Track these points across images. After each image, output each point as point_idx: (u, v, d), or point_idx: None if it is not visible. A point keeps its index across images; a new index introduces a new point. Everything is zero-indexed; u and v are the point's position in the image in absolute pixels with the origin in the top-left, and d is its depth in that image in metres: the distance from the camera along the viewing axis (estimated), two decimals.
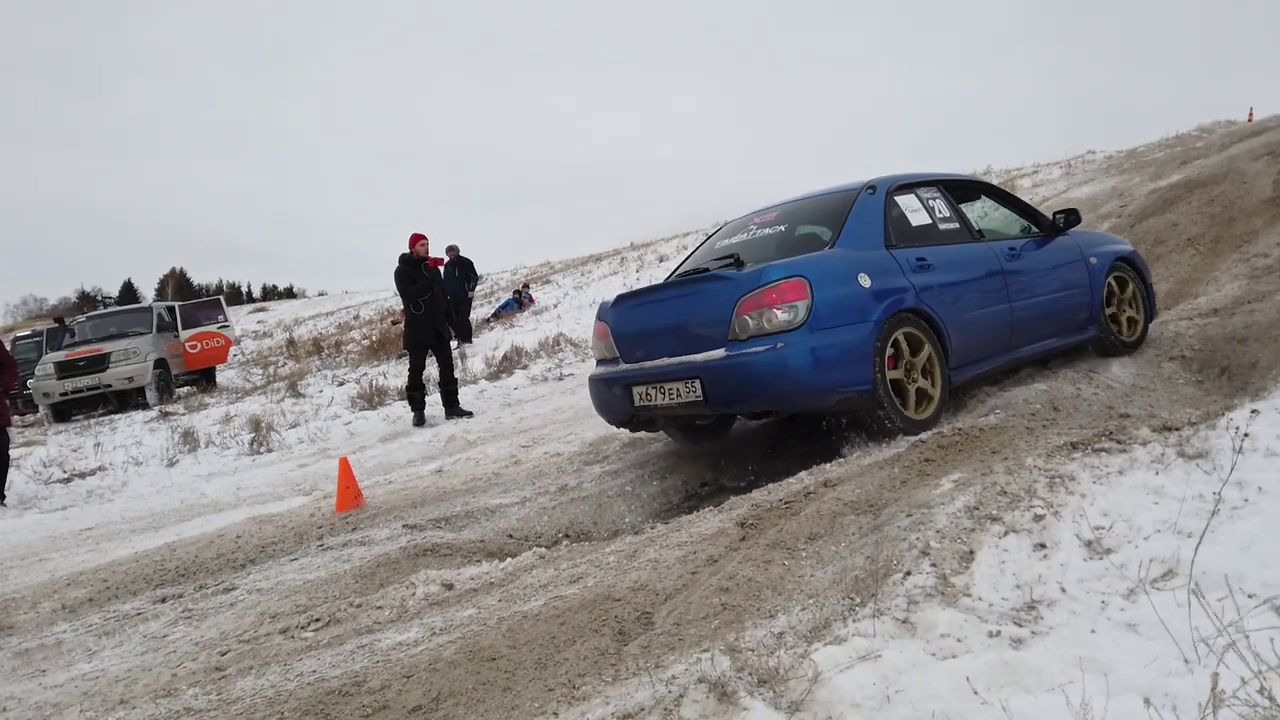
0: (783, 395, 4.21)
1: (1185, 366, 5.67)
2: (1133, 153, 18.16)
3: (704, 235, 23.23)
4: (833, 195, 5.10)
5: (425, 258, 8.73)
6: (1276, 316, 6.05)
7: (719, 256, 5.01)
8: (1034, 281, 5.40)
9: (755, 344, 4.18)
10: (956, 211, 5.35)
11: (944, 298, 4.71)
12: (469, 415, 8.42)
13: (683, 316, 4.54)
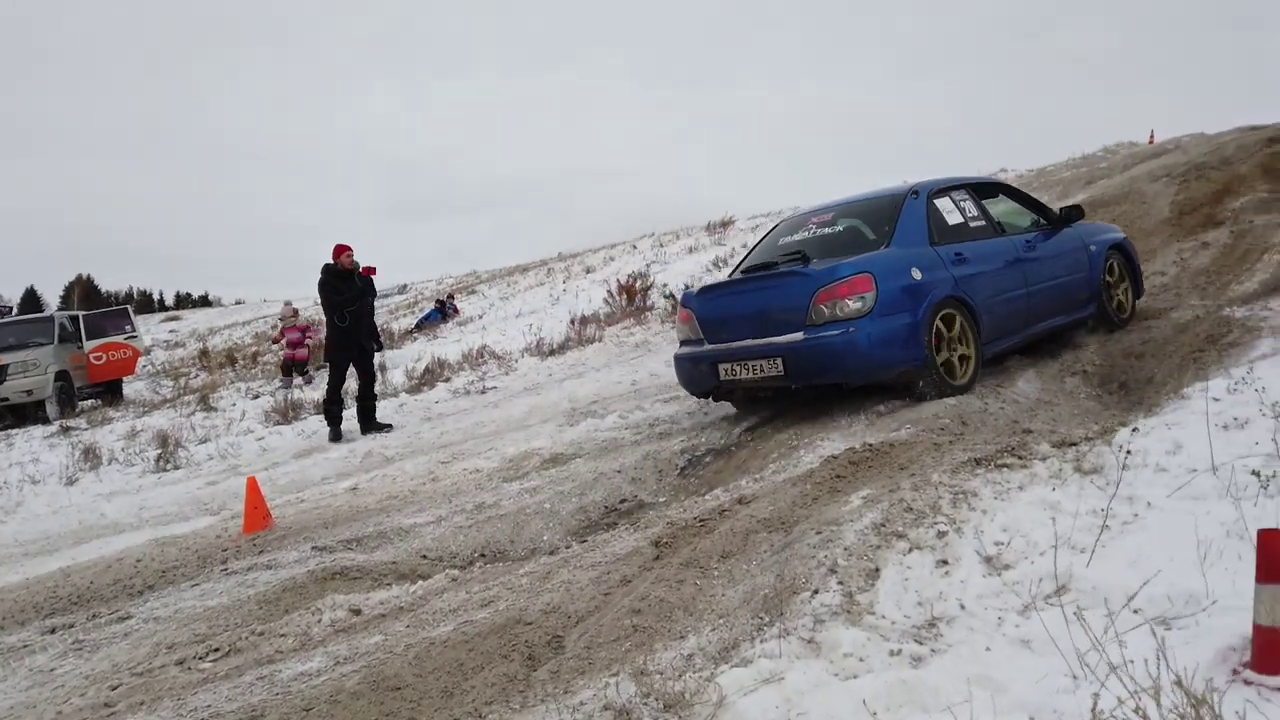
0: (854, 370, 5.11)
1: (1087, 381, 5.89)
2: (1042, 172, 18.88)
3: (631, 245, 23.39)
4: (881, 199, 6.03)
5: (351, 269, 8.55)
6: (1171, 333, 6.34)
7: (788, 252, 5.85)
8: (1046, 268, 6.24)
9: (830, 328, 5.03)
10: (982, 210, 6.24)
11: (977, 285, 5.60)
12: (387, 429, 8.26)
13: (763, 305, 5.37)
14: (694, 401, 7.03)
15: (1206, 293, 7.32)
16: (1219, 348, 5.75)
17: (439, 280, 34.35)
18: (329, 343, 8.54)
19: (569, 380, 9.14)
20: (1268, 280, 7.29)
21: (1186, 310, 6.86)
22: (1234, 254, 8.36)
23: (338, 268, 8.42)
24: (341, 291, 8.33)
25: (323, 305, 8.50)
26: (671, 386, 7.90)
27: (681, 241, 21.23)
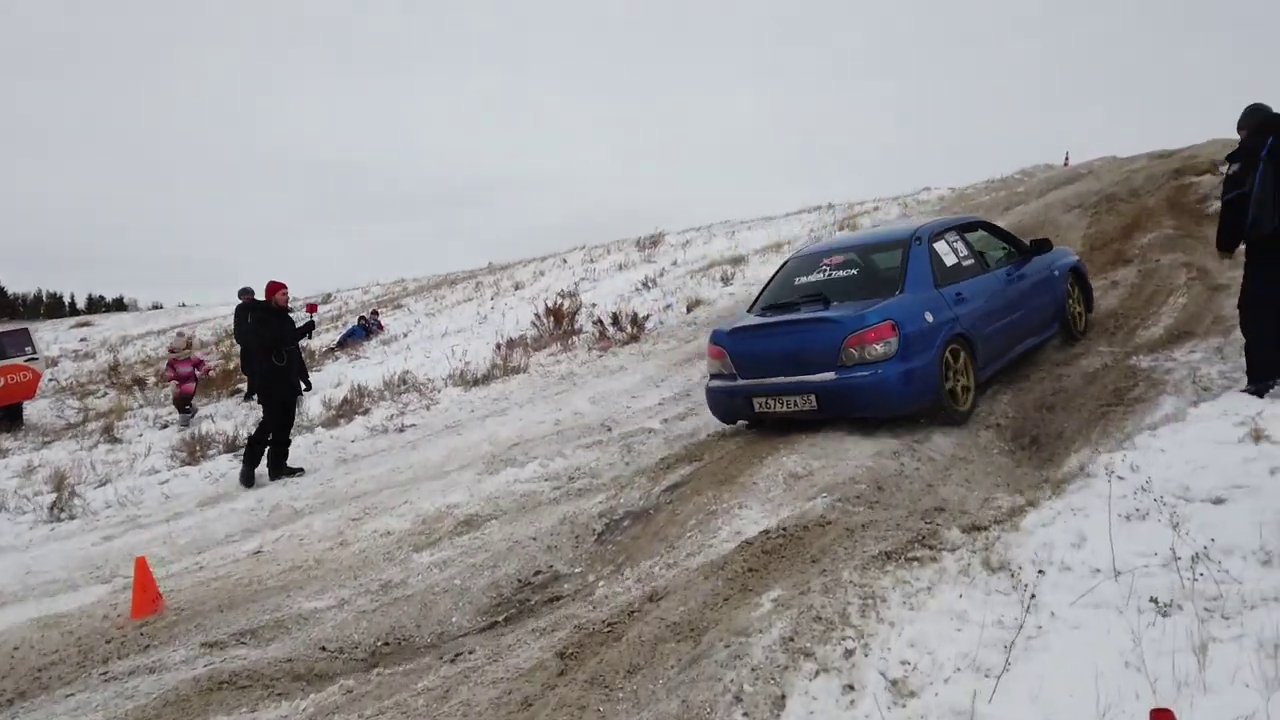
0: (881, 406, 5.75)
1: (1000, 435, 5.97)
2: (962, 194, 19.30)
3: (561, 259, 23.15)
4: (887, 243, 6.62)
5: (286, 306, 8.43)
6: (1081, 385, 6.48)
7: (807, 293, 6.46)
8: (1023, 296, 6.95)
9: (860, 370, 5.68)
10: (970, 248, 6.90)
11: (974, 320, 6.27)
12: (299, 473, 7.97)
13: (796, 346, 5.97)
14: (614, 449, 6.95)
15: (1115, 338, 7.50)
16: (1125, 404, 5.89)
17: (365, 289, 33.62)
18: (265, 382, 8.27)
19: (491, 418, 8.95)
20: (1172, 325, 7.50)
21: (1095, 357, 7.03)
22: (1141, 295, 8.61)
23: (273, 305, 8.33)
24: (279, 329, 8.19)
25: (257, 343, 8.29)
26: (594, 429, 7.81)
27: (612, 257, 21.12)
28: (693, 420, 7.56)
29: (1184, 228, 10.82)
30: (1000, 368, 6.67)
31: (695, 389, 8.71)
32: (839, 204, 22.42)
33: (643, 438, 7.21)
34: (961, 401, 6.07)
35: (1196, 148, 18.58)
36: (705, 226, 24.17)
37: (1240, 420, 4.65)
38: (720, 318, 12.18)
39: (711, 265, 16.85)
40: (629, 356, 10.86)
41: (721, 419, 6.70)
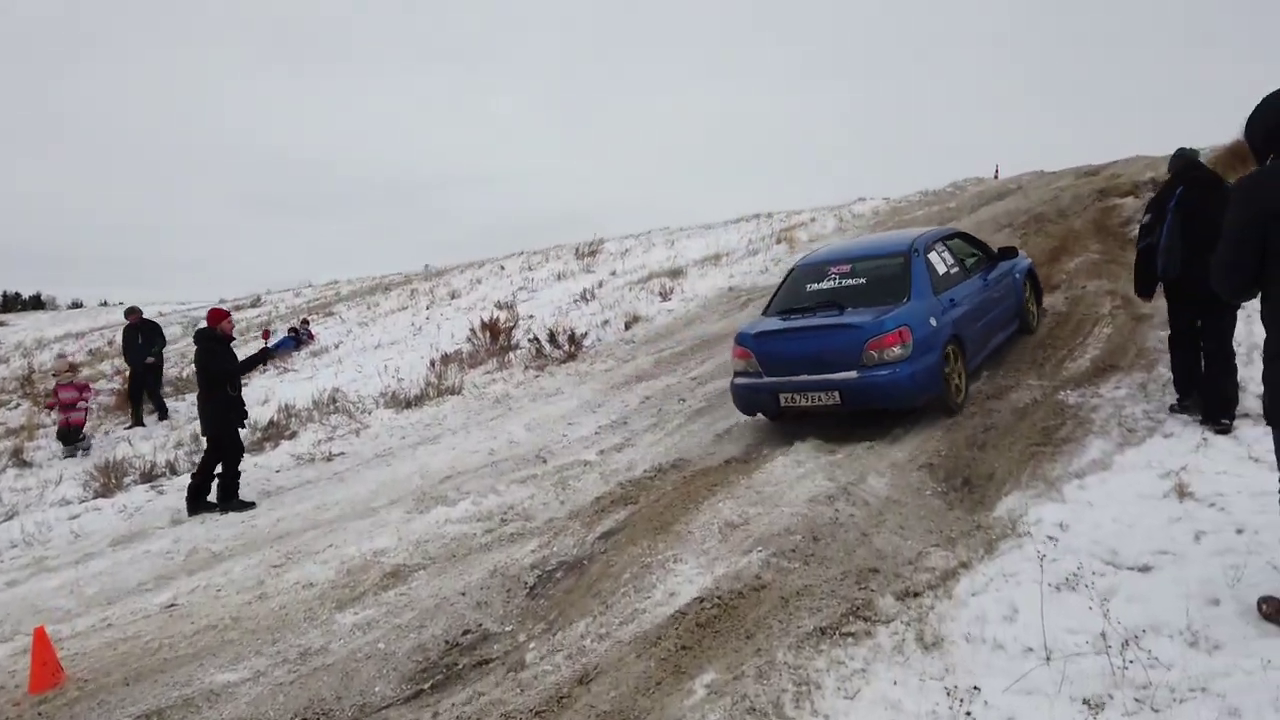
0: (897, 400, 6.54)
1: (933, 475, 5.98)
2: (896, 207, 19.58)
3: (499, 266, 22.83)
4: (889, 254, 7.34)
5: (231, 335, 8.20)
6: (1011, 421, 6.55)
7: (821, 299, 7.10)
8: (995, 298, 7.93)
9: (879, 369, 6.41)
10: (954, 255, 7.71)
11: (963, 322, 7.13)
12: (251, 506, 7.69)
13: (819, 348, 6.63)
14: (549, 484, 6.82)
15: (1043, 370, 7.62)
16: (1054, 444, 5.97)
17: (297, 291, 32.78)
18: (215, 414, 7.86)
19: (423, 446, 8.73)
20: (1098, 357, 7.67)
21: (1025, 391, 7.13)
22: (1069, 323, 8.79)
23: (218, 334, 8.02)
24: (227, 361, 7.98)
25: (205, 375, 7.91)
26: (528, 460, 7.66)
27: (551, 265, 20.93)
28: (630, 452, 7.47)
29: (1109, 252, 11.11)
30: (979, 362, 7.59)
31: (632, 416, 8.63)
32: (777, 213, 22.57)
33: (578, 472, 7.09)
34: (957, 393, 6.92)
35: (1119, 165, 19.18)
36: (645, 233, 24.13)
37: (1164, 472, 4.75)
38: (659, 336, 12.14)
39: (651, 276, 16.79)
40: (566, 378, 10.72)
41: (744, 411, 7.39)
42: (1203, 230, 5.56)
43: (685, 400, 8.83)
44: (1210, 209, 5.59)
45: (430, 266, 29.51)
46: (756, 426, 7.62)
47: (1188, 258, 5.68)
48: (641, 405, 8.97)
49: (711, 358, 10.31)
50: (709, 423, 7.98)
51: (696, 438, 7.60)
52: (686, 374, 9.84)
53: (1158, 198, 6.11)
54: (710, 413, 8.27)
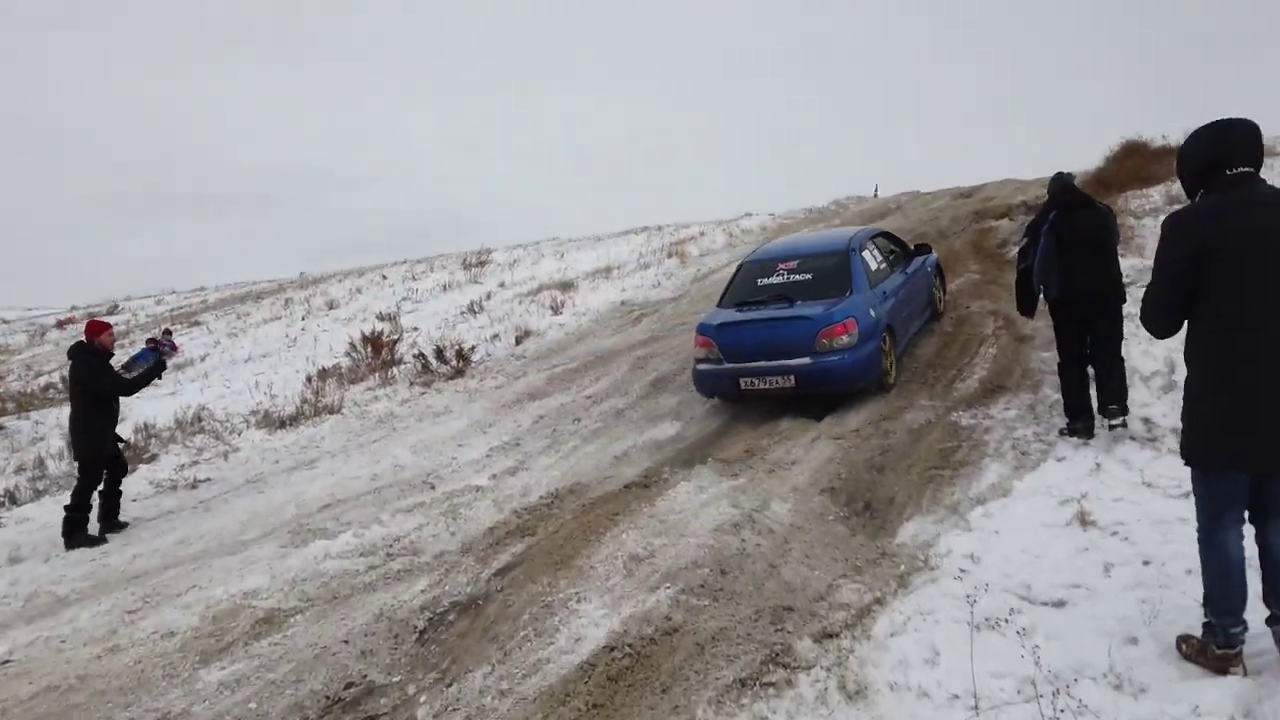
0: (844, 382, 7.30)
1: (835, 499, 5.91)
2: (782, 224, 19.88)
3: (381, 275, 21.98)
4: (829, 252, 8.22)
5: (112, 350, 7.57)
6: (908, 443, 6.58)
7: (773, 293, 7.93)
8: (915, 288, 8.91)
9: (828, 355, 7.20)
10: (881, 252, 8.70)
11: (893, 312, 8.01)
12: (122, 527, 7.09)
13: (775, 337, 7.38)
14: (439, 513, 6.43)
15: (935, 390, 7.73)
16: (951, 466, 6.00)
17: (159, 298, 30.80)
18: (92, 435, 7.22)
19: (299, 471, 8.15)
20: (986, 378, 7.83)
21: (919, 411, 7.20)
22: (956, 343, 8.98)
23: (96, 348, 7.38)
24: (109, 377, 7.37)
25: (93, 391, 7.23)
26: (415, 486, 7.24)
27: (436, 275, 20.30)
28: (524, 476, 7.14)
29: (988, 273, 11.48)
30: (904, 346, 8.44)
31: (526, 437, 8.30)
32: (666, 227, 22.60)
33: (470, 499, 6.72)
34: (891, 375, 7.80)
35: (991, 188, 20.06)
36: (534, 244, 23.74)
37: (1064, 499, 4.80)
38: (551, 351, 11.84)
39: (541, 289, 16.46)
40: (454, 395, 10.28)
41: (705, 395, 8.11)
42: (1076, 251, 5.91)
43: (580, 420, 8.57)
44: (1082, 231, 5.96)
45: (306, 274, 28.25)
46: (653, 448, 7.43)
47: (1064, 277, 5.96)
48: (535, 425, 8.66)
49: (606, 375, 10.09)
50: (606, 444, 7.74)
51: (593, 460, 7.35)
52: (581, 392, 9.58)
53: (1034, 221, 6.33)
54: (607, 433, 8.03)
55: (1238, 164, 3.04)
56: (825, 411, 7.68)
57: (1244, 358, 2.95)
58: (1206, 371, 3.07)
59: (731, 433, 7.53)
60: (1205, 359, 3.07)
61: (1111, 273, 5.99)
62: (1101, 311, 5.97)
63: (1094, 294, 5.92)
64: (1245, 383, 2.95)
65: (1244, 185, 3.02)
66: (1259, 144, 3.08)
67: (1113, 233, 6.06)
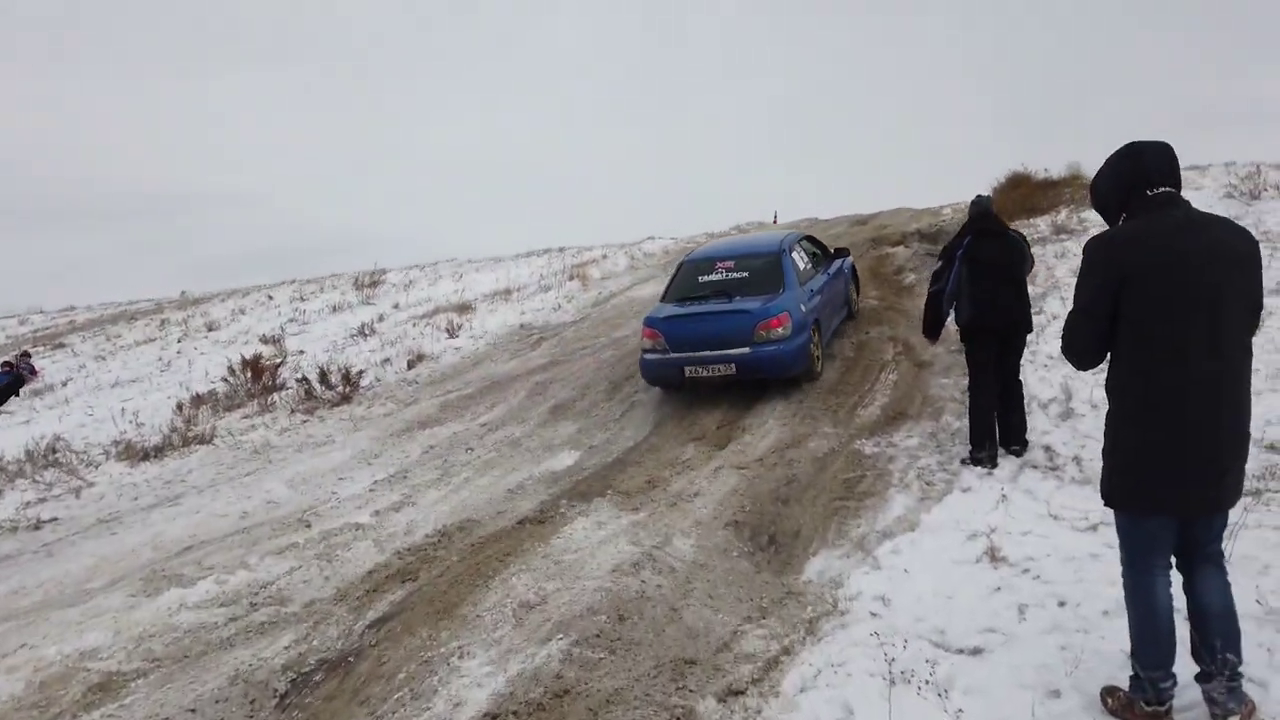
0: (778, 370, 7.99)
1: (738, 534, 5.66)
2: (685, 248, 19.79)
3: (266, 295, 20.74)
4: (763, 253, 8.94)
5: None
6: (812, 473, 6.40)
7: (714, 289, 8.66)
8: (835, 289, 9.74)
9: (765, 346, 7.88)
10: (807, 254, 9.47)
11: (820, 309, 8.80)
12: None
13: (718, 329, 8.04)
14: (313, 555, 5.89)
15: (838, 417, 7.61)
16: (856, 497, 5.84)
17: (22, 318, 28.62)
18: None
19: (160, 508, 7.42)
20: (888, 405, 7.76)
21: (822, 439, 7.05)
22: (857, 368, 8.91)
23: None
24: None
25: None
26: (289, 525, 6.65)
27: (326, 296, 19.41)
28: (410, 513, 6.65)
29: (886, 299, 11.55)
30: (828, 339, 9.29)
31: (414, 468, 7.79)
32: (568, 249, 22.27)
33: (349, 538, 6.20)
34: (818, 366, 8.56)
35: (885, 216, 20.49)
36: (431, 264, 23.02)
37: (972, 533, 4.65)
38: (445, 376, 11.31)
39: (437, 311, 15.86)
40: (339, 423, 9.65)
41: (652, 383, 8.70)
42: (989, 278, 5.98)
43: (474, 450, 8.11)
44: (996, 259, 6.05)
45: (187, 293, 26.74)
46: (550, 479, 7.05)
47: (976, 304, 6.02)
48: (424, 456, 8.15)
49: (503, 401, 9.65)
50: (500, 475, 7.32)
51: (486, 494, 6.91)
52: (475, 420, 9.11)
53: (949, 245, 6.38)
54: (501, 464, 7.61)
55: (1158, 184, 2.90)
56: (728, 440, 7.47)
57: (1169, 390, 2.78)
58: (1128, 405, 2.91)
59: (632, 462, 7.22)
60: (1128, 391, 2.90)
61: (1022, 301, 6.08)
62: (1010, 339, 6.03)
63: (1005, 322, 5.99)
64: (1171, 417, 2.78)
65: (1167, 206, 2.87)
66: (1175, 163, 2.94)
67: (1026, 261, 6.16)
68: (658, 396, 8.96)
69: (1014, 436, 6.06)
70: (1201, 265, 2.76)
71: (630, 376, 9.84)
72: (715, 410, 8.28)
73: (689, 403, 8.61)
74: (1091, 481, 5.32)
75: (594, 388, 9.64)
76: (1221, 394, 2.77)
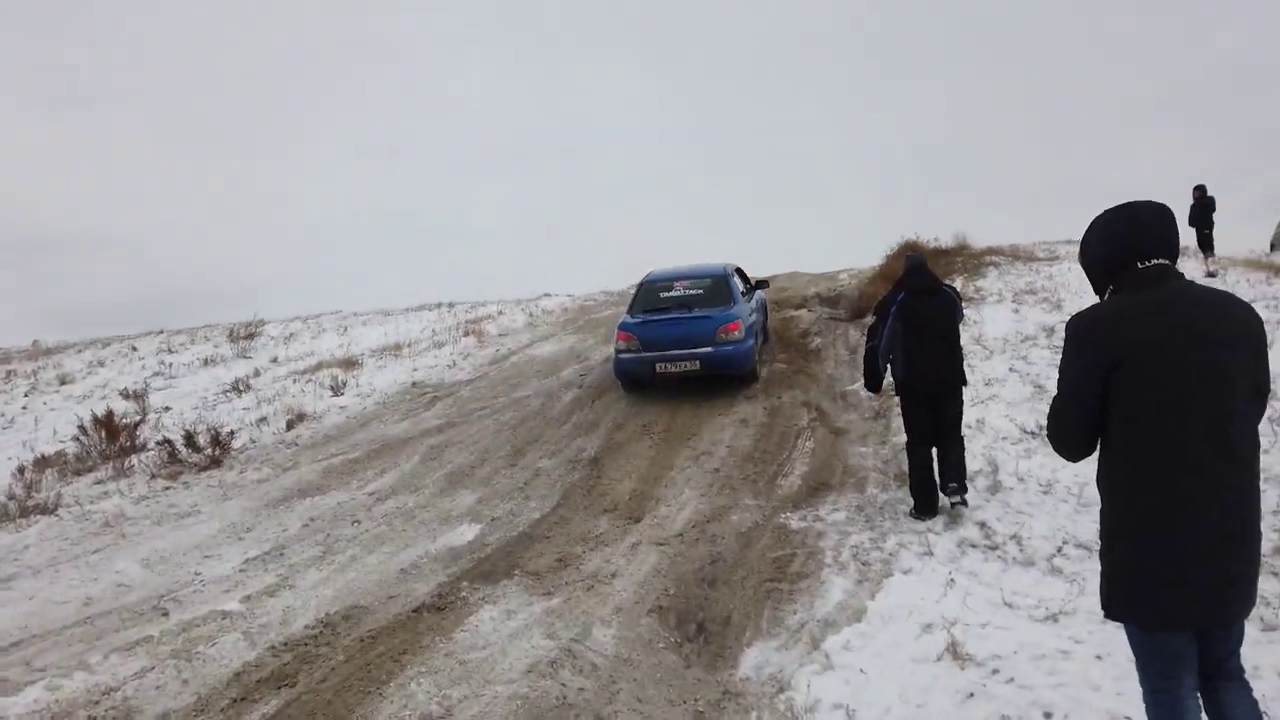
0: (735, 366, 9.83)
1: (663, 621, 5.14)
2: (584, 306, 19.44)
3: (130, 346, 19.07)
4: (711, 275, 10.71)
5: None
6: (738, 550, 5.97)
7: (676, 302, 10.40)
8: (761, 313, 11.48)
9: (725, 346, 9.70)
10: (742, 279, 11.17)
11: (757, 322, 10.82)
12: None
13: (685, 331, 9.81)
14: (168, 652, 5.04)
15: (758, 487, 7.24)
16: (789, 579, 5.43)
17: None
18: None
19: None
20: (808, 474, 7.45)
21: (745, 513, 6.65)
22: (773, 435, 8.60)
23: None
24: None
25: None
26: (142, 614, 5.73)
27: (197, 348, 18.05)
28: (287, 597, 5.85)
29: (794, 362, 11.37)
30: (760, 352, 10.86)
31: (292, 544, 6.96)
32: (460, 304, 21.53)
33: (214, 630, 5.36)
34: (760, 370, 10.50)
35: (783, 279, 20.66)
36: (314, 317, 21.82)
37: (926, 623, 4.28)
38: (329, 438, 10.42)
39: (320, 366, 14.86)
40: (206, 491, 8.67)
41: (624, 380, 10.29)
42: (921, 335, 6.08)
43: (361, 522, 7.33)
44: (928, 316, 6.14)
45: (40, 342, 24.54)
46: (450, 557, 6.36)
47: (910, 361, 6.09)
48: (305, 529, 7.31)
49: (394, 466, 8.88)
50: (391, 552, 6.58)
51: (376, 574, 6.16)
52: (363, 487, 8.32)
53: (884, 300, 6.45)
54: (393, 539, 6.87)
55: (1150, 254, 2.61)
56: (643, 511, 6.97)
57: (1168, 492, 2.45)
58: (1118, 505, 2.58)
59: (541, 537, 6.62)
60: (1120, 491, 2.57)
61: (955, 358, 6.14)
62: (944, 395, 6.07)
63: (936, 378, 6.06)
64: (1170, 523, 2.45)
65: (1160, 281, 2.57)
66: (1172, 229, 2.66)
67: (958, 317, 6.28)
68: (564, 462, 8.42)
69: (953, 474, 6.01)
70: (1204, 345, 2.46)
71: (535, 441, 9.26)
72: (626, 479, 7.79)
73: (598, 470, 8.09)
74: (1036, 563, 5.07)
75: (495, 453, 9.01)
76: (1228, 496, 2.46)
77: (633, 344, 9.99)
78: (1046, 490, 6.29)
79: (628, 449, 8.69)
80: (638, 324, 10.13)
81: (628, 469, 8.10)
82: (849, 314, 13.57)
